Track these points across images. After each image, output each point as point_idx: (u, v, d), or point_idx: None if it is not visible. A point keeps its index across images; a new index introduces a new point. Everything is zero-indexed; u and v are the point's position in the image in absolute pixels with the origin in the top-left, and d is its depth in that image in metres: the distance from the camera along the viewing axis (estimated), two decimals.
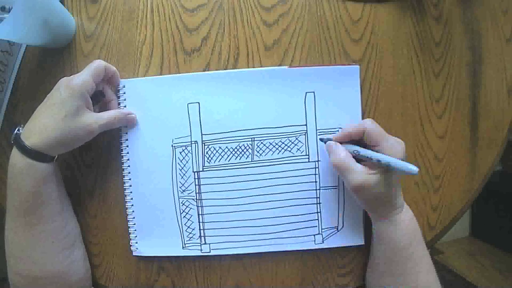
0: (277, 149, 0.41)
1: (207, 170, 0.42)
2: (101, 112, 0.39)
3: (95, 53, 0.43)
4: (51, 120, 0.35)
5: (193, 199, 0.42)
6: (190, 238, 0.42)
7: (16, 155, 0.35)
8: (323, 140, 0.40)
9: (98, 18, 0.43)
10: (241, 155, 0.41)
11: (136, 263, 0.43)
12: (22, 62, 0.43)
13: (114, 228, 0.43)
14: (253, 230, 0.42)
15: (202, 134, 0.41)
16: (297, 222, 0.42)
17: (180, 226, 0.42)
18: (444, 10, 0.42)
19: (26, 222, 0.36)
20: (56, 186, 0.38)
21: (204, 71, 0.42)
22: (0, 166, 0.44)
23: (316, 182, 0.41)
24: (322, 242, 0.42)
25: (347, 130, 0.37)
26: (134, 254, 0.43)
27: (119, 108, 0.42)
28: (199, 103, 0.41)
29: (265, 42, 0.42)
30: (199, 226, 0.42)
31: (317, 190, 0.42)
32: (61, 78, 0.37)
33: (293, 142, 0.41)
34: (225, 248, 0.42)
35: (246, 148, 0.41)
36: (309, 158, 0.41)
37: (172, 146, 0.42)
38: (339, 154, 0.36)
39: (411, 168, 0.32)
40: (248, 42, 0.42)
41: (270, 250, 0.42)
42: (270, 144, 0.41)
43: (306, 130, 0.41)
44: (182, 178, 0.42)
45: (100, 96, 0.40)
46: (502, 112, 0.43)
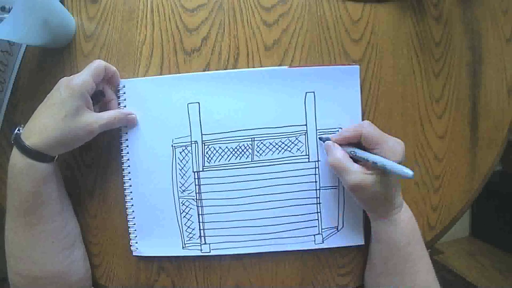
0: (277, 149, 0.41)
1: (207, 170, 0.42)
2: (101, 112, 0.39)
3: (95, 53, 0.43)
4: (51, 120, 0.35)
5: (193, 199, 0.42)
6: (190, 238, 0.42)
7: (16, 155, 0.35)
8: (322, 139, 0.40)
9: (98, 18, 0.43)
10: (241, 155, 0.41)
11: (136, 263, 0.44)
12: (22, 62, 0.43)
13: (114, 228, 0.43)
14: (253, 230, 0.42)
15: (202, 134, 0.41)
16: (297, 222, 0.42)
17: (180, 226, 0.42)
18: (444, 10, 0.43)
19: (26, 222, 0.36)
20: (56, 186, 0.38)
21: (204, 71, 0.42)
22: (0, 166, 0.44)
23: (316, 182, 0.41)
24: (322, 242, 0.42)
25: (345, 133, 0.38)
26: (134, 254, 0.43)
27: (119, 108, 0.42)
28: (199, 103, 0.41)
29: (265, 42, 0.42)
30: (199, 226, 0.42)
31: (317, 190, 0.42)
32: (61, 78, 0.37)
33: (293, 142, 0.41)
34: (225, 248, 0.42)
35: (246, 148, 0.41)
36: (309, 158, 0.41)
37: (172, 146, 0.42)
38: (336, 154, 0.37)
39: (407, 172, 0.32)
40: (248, 42, 0.42)
41: (270, 250, 0.42)
42: (270, 144, 0.41)
43: (306, 130, 0.41)
44: (182, 178, 0.42)
45: (100, 96, 0.40)
46: (502, 112, 0.43)
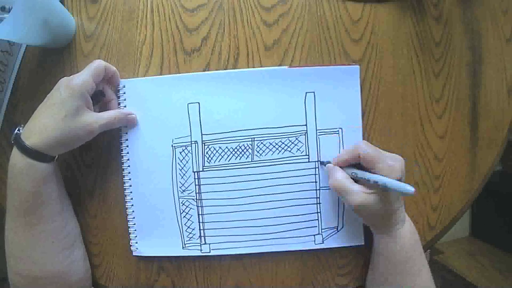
0: (277, 149, 0.41)
1: (207, 170, 0.42)
2: (101, 112, 0.39)
3: (95, 53, 0.43)
4: (51, 120, 0.35)
5: (193, 199, 0.42)
6: (190, 238, 0.42)
7: (16, 155, 0.35)
8: (323, 163, 0.40)
9: (98, 18, 0.43)
10: (241, 155, 0.41)
11: (136, 263, 0.43)
12: (22, 62, 0.43)
13: (114, 228, 0.43)
14: (253, 230, 0.42)
15: (202, 134, 0.41)
16: (297, 222, 0.42)
17: (180, 226, 0.42)
18: (444, 10, 0.42)
19: (26, 222, 0.36)
20: (56, 186, 0.38)
21: (204, 71, 0.42)
22: (0, 166, 0.44)
23: (316, 182, 0.41)
24: (322, 242, 0.42)
25: (344, 156, 0.38)
26: (134, 254, 0.43)
27: (119, 108, 0.42)
28: (199, 103, 0.41)
29: (265, 42, 0.42)
30: (199, 226, 0.42)
31: (317, 190, 0.42)
32: (61, 78, 0.37)
33: (293, 142, 0.41)
34: (225, 248, 0.42)
35: (246, 148, 0.41)
36: (309, 158, 0.41)
37: (172, 146, 0.42)
38: (337, 176, 0.37)
39: (408, 189, 0.32)
40: (248, 42, 0.42)
41: (270, 250, 0.42)
42: (270, 144, 0.41)
43: (306, 130, 0.41)
44: (182, 178, 0.42)
45: (100, 96, 0.40)
46: (502, 112, 0.43)
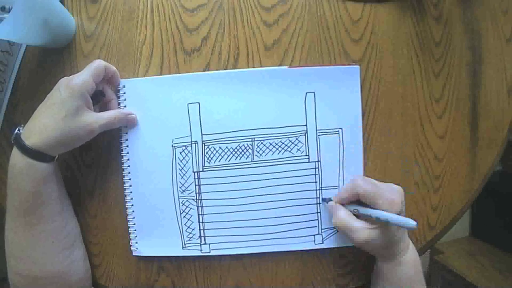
0: (277, 149, 0.41)
1: (207, 170, 0.42)
2: (101, 112, 0.39)
3: (95, 53, 0.43)
4: (51, 120, 0.35)
5: (193, 199, 0.42)
6: (190, 238, 0.42)
7: (16, 155, 0.35)
8: (325, 200, 0.41)
9: (98, 18, 0.43)
10: (241, 155, 0.41)
11: (136, 263, 0.43)
12: (22, 62, 0.43)
13: (114, 228, 0.43)
14: (253, 230, 0.42)
15: (202, 134, 0.41)
16: (297, 222, 0.42)
17: (180, 226, 0.42)
18: (444, 10, 0.42)
19: (26, 222, 0.36)
20: (56, 186, 0.38)
21: (204, 71, 0.42)
22: (0, 166, 0.44)
23: (316, 182, 0.41)
24: (322, 242, 0.42)
25: (343, 194, 0.39)
26: (134, 254, 0.43)
27: (119, 108, 0.42)
28: (199, 103, 0.41)
29: (265, 42, 0.42)
30: (199, 226, 0.42)
31: (317, 190, 0.42)
32: (61, 78, 0.37)
33: (293, 142, 0.41)
34: (225, 248, 0.42)
35: (246, 148, 0.41)
36: (309, 158, 0.41)
37: (172, 146, 0.42)
38: (340, 215, 0.37)
39: (410, 224, 0.32)
40: (248, 42, 0.42)
41: (270, 250, 0.42)
42: (270, 144, 0.41)
43: (306, 130, 0.41)
44: (182, 178, 0.42)
45: (100, 96, 0.40)
46: (502, 112, 0.43)
